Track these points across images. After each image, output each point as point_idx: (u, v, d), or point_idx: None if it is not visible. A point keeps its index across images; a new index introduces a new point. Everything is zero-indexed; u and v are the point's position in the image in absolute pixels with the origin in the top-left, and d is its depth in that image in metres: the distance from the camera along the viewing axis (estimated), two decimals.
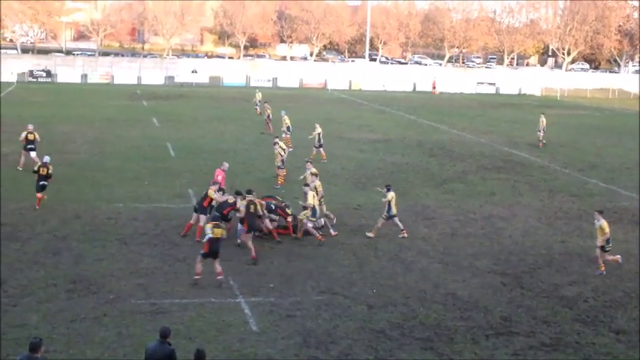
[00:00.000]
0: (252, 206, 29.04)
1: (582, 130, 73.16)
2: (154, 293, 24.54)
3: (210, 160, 47.55)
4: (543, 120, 60.85)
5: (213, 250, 25.12)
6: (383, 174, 46.13)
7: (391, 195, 32.12)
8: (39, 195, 34.95)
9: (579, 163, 52.76)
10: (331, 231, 31.98)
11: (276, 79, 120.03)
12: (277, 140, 43.39)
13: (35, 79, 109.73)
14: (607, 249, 28.52)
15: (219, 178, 34.24)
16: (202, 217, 30.47)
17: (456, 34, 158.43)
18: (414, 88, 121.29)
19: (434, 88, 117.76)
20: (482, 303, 24.85)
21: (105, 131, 59.95)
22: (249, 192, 29.73)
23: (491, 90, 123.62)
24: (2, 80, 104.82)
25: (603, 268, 28.31)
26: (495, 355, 20.97)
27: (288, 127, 53.56)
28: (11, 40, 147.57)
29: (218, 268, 25.35)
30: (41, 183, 35.09)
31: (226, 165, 35.84)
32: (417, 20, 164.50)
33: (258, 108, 72.16)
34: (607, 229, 28.25)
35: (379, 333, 22.12)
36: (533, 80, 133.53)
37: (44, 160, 36.02)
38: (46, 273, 26.04)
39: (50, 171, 35.32)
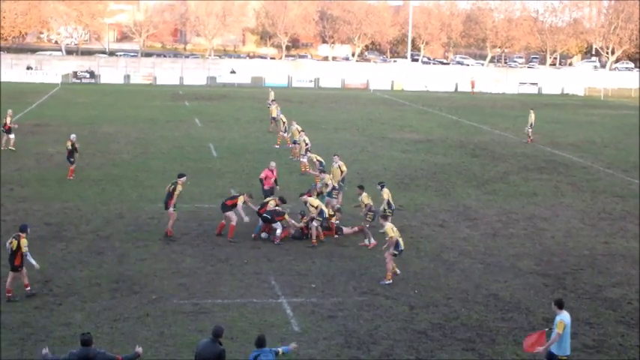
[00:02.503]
0: (171, 186, 31.32)
1: (626, 130, 72.34)
2: (196, 293, 24.71)
3: (253, 160, 47.76)
4: (532, 116, 61.01)
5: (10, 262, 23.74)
6: (425, 174, 46.06)
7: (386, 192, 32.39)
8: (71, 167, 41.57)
9: (623, 164, 52.24)
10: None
11: (318, 79, 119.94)
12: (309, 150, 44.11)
13: (79, 80, 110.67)
14: (395, 253, 26.32)
15: (262, 175, 35.24)
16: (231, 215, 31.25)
17: (498, 34, 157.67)
18: (456, 89, 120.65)
19: (473, 87, 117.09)
20: (524, 304, 24.75)
21: (148, 132, 60.36)
22: (180, 175, 32.47)
23: (534, 90, 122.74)
24: (48, 82, 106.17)
25: (390, 278, 26.30)
26: (537, 356, 20.84)
27: (294, 141, 50.77)
28: (56, 42, 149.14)
29: (25, 280, 23.84)
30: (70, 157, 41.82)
31: (273, 164, 36.13)
32: (459, 20, 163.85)
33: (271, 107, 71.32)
34: (392, 234, 26.11)
35: (420, 333, 22.13)
36: (576, 80, 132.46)
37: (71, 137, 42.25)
38: (90, 272, 26.32)
39: (75, 145, 41.79)
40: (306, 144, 45.00)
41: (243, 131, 62.50)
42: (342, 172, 36.70)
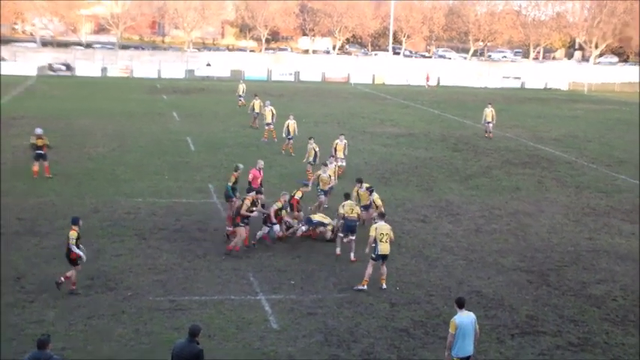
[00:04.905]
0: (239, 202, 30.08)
1: (610, 125, 72.53)
2: (173, 290, 24.27)
3: (232, 154, 47.30)
4: (492, 110, 60.84)
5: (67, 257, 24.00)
6: (406, 169, 45.74)
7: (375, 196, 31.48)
8: (34, 167, 39.29)
9: (607, 159, 52.17)
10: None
11: (299, 72, 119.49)
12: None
13: (55, 73, 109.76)
14: (372, 257, 25.16)
15: (250, 177, 33.06)
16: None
17: (480, 28, 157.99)
18: (438, 83, 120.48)
19: (427, 80, 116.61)
20: (507, 301, 24.45)
21: (125, 125, 59.73)
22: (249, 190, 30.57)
23: (517, 84, 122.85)
24: (22, 74, 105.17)
25: (365, 284, 25.06)
26: (521, 355, 20.61)
27: (290, 137, 49.24)
28: (31, 34, 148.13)
29: None
30: (37, 152, 39.18)
31: (261, 163, 34.12)
32: (441, 13, 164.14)
33: (241, 99, 71.52)
34: (373, 233, 24.96)
35: (402, 331, 21.81)
36: (559, 74, 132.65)
37: (37, 132, 39.85)
38: (64, 268, 25.61)
39: (42, 139, 39.33)
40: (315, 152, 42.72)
41: (221, 125, 61.98)
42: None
